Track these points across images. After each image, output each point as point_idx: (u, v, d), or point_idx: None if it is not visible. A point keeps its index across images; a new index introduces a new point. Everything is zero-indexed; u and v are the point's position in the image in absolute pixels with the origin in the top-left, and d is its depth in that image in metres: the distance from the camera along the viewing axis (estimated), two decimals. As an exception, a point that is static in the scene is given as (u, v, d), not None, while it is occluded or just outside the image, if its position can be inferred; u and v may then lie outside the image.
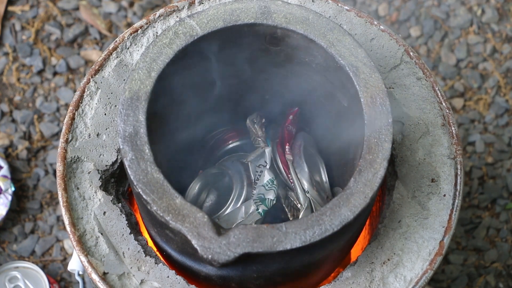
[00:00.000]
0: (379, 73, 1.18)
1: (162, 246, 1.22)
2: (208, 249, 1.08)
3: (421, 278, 1.24)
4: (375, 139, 1.15)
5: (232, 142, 1.47)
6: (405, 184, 1.29)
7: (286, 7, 1.21)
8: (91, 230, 1.26)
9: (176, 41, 1.19)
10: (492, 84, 2.01)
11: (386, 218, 1.27)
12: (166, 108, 1.24)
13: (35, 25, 2.04)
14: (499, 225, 1.89)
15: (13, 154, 1.93)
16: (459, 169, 1.29)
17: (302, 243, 1.09)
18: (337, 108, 1.29)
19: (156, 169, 1.12)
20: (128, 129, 1.14)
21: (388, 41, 1.36)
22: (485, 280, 1.84)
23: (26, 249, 1.86)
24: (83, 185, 1.28)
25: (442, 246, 1.25)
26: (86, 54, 2.02)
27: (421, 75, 1.34)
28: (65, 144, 1.29)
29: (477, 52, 2.05)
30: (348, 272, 1.25)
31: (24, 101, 1.98)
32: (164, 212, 1.10)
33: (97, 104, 1.32)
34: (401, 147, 1.31)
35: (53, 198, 1.90)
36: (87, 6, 2.07)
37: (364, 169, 1.13)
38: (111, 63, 1.33)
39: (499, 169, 1.94)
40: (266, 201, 1.34)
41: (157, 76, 1.17)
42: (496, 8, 2.09)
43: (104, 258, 1.24)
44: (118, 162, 1.30)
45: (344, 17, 1.36)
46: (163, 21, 1.36)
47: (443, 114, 1.32)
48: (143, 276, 1.24)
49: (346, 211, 1.11)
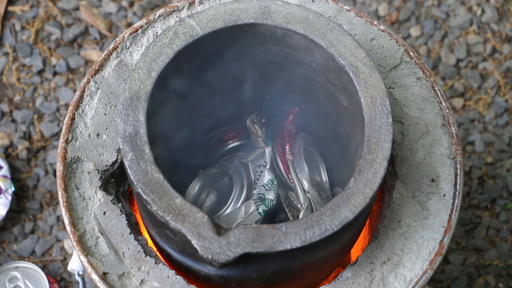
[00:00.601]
0: (379, 73, 1.18)
1: (162, 246, 1.22)
2: (208, 249, 1.08)
3: (421, 278, 1.24)
4: (375, 139, 1.15)
5: (232, 142, 1.47)
6: (405, 184, 1.29)
7: (286, 7, 1.21)
8: (91, 230, 1.26)
9: (176, 41, 1.19)
10: (492, 84, 2.01)
11: (386, 218, 1.27)
12: (166, 108, 1.24)
13: (35, 25, 2.04)
14: (499, 225, 1.89)
15: (13, 154, 1.93)
16: (459, 169, 1.29)
17: (302, 243, 1.09)
18: (337, 108, 1.29)
19: (156, 169, 1.12)
20: (128, 129, 1.14)
21: (388, 41, 1.36)
22: (485, 280, 1.84)
23: (26, 249, 1.86)
24: (83, 185, 1.28)
25: (442, 246, 1.25)
26: (86, 54, 2.02)
27: (421, 75, 1.34)
28: (65, 144, 1.29)
29: (477, 52, 2.05)
30: (348, 272, 1.25)
31: (24, 101, 1.98)
32: (164, 212, 1.10)
33: (97, 104, 1.32)
34: (401, 147, 1.31)
35: (53, 198, 1.90)
36: (87, 6, 2.07)
37: (364, 169, 1.13)
38: (111, 63, 1.33)
39: (499, 169, 1.94)
40: (266, 201, 1.34)
41: (157, 76, 1.17)
42: (496, 8, 2.09)
43: (104, 258, 1.24)
44: (118, 162, 1.30)
45: (344, 17, 1.36)
46: (163, 21, 1.36)
47: (443, 114, 1.32)
48: (143, 276, 1.24)
49: (346, 211, 1.11)
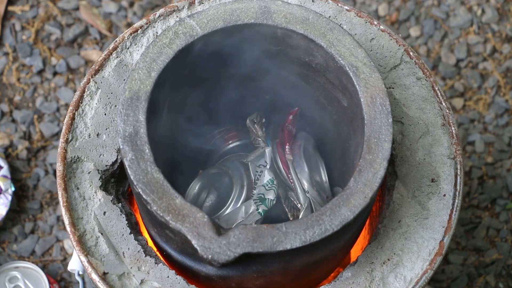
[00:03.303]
0: (379, 73, 1.18)
1: (162, 246, 1.22)
2: (208, 249, 1.08)
3: (421, 278, 1.24)
4: (375, 139, 1.15)
5: (232, 142, 1.47)
6: (405, 184, 1.29)
7: (286, 7, 1.21)
8: (91, 230, 1.26)
9: (176, 41, 1.19)
10: (492, 84, 2.01)
11: (386, 218, 1.27)
12: (166, 108, 1.24)
13: (35, 25, 2.04)
14: (499, 225, 1.89)
15: (13, 154, 1.93)
16: (459, 169, 1.29)
17: (302, 243, 1.09)
18: (337, 108, 1.29)
19: (156, 169, 1.12)
20: (128, 129, 1.14)
21: (388, 41, 1.36)
22: (485, 280, 1.84)
23: (26, 249, 1.86)
24: (83, 185, 1.28)
25: (442, 246, 1.25)
26: (86, 54, 2.02)
27: (421, 75, 1.34)
28: (65, 144, 1.29)
29: (477, 52, 2.05)
30: (348, 272, 1.25)
31: (24, 101, 1.98)
32: (164, 212, 1.10)
33: (97, 104, 1.32)
34: (401, 147, 1.31)
35: (53, 198, 1.90)
36: (87, 6, 2.07)
37: (364, 169, 1.13)
38: (111, 63, 1.33)
39: (499, 169, 1.94)
40: (266, 201, 1.34)
41: (157, 76, 1.17)
42: (496, 8, 2.09)
43: (104, 258, 1.24)
44: (118, 162, 1.30)
45: (344, 17, 1.36)
46: (163, 21, 1.36)
47: (443, 114, 1.32)
48: (143, 276, 1.24)
49: (346, 211, 1.11)
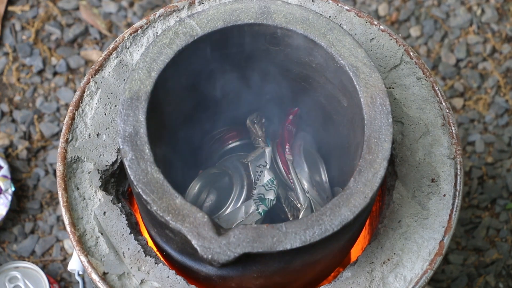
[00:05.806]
0: (379, 73, 1.18)
1: (162, 246, 1.22)
2: (208, 249, 1.08)
3: (421, 278, 1.24)
4: (375, 139, 1.15)
5: (232, 142, 1.47)
6: (405, 184, 1.29)
7: (286, 7, 1.21)
8: (91, 230, 1.26)
9: (176, 41, 1.19)
10: (491, 84, 2.01)
11: (386, 218, 1.27)
12: (166, 108, 1.24)
13: (35, 25, 2.04)
14: (499, 225, 1.89)
15: (13, 154, 1.93)
16: (459, 169, 1.29)
17: (302, 243, 1.09)
18: (337, 108, 1.29)
19: (156, 169, 1.12)
20: (128, 129, 1.14)
21: (388, 41, 1.36)
22: (485, 280, 1.84)
23: (26, 249, 1.86)
24: (83, 185, 1.28)
25: (442, 246, 1.25)
26: (86, 54, 2.02)
27: (421, 75, 1.34)
28: (65, 144, 1.29)
29: (477, 52, 2.05)
30: (348, 272, 1.25)
31: (24, 101, 1.98)
32: (164, 212, 1.10)
33: (97, 104, 1.32)
34: (401, 147, 1.31)
35: (53, 198, 1.90)
36: (87, 6, 2.07)
37: (364, 169, 1.13)
38: (111, 63, 1.33)
39: (499, 169, 1.94)
40: (266, 201, 1.34)
41: (157, 76, 1.17)
42: (496, 8, 2.09)
43: (104, 258, 1.24)
44: (118, 162, 1.30)
45: (344, 17, 1.36)
46: (163, 21, 1.36)
47: (443, 114, 1.32)
48: (143, 276, 1.24)
49: (346, 211, 1.11)
